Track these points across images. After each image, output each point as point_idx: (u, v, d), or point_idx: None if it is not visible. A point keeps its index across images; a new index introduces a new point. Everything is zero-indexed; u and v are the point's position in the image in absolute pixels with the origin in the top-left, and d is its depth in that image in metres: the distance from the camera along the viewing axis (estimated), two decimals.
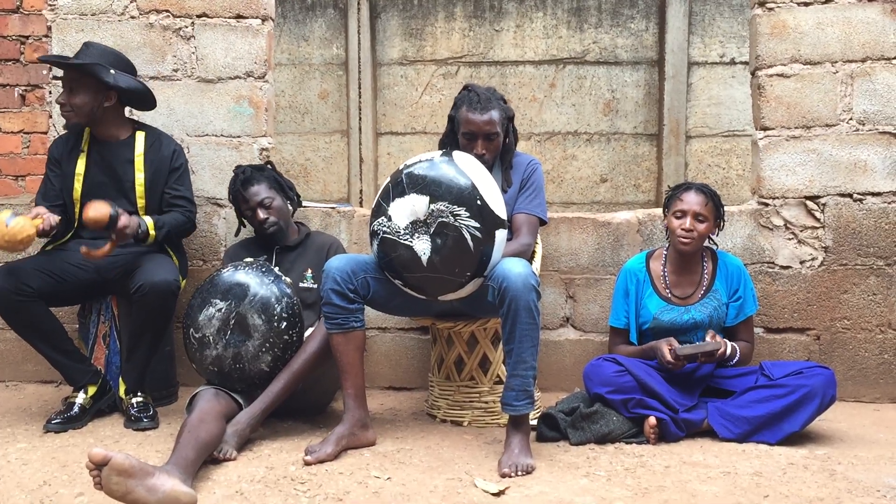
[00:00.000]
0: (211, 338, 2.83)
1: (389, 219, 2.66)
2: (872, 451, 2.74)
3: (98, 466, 2.05)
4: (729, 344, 2.91)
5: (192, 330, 2.87)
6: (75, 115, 3.09)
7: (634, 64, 6.03)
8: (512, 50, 6.08)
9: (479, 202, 2.60)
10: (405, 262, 2.64)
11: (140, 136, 3.20)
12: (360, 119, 6.13)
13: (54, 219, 2.93)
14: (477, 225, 2.59)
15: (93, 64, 3.03)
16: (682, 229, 2.96)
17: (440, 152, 2.76)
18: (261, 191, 3.19)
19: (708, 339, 2.89)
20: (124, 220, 2.89)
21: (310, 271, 3.18)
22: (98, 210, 2.84)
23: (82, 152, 3.16)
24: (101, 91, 3.08)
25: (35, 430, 2.94)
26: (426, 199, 2.61)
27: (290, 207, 3.29)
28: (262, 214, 3.17)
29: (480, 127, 2.94)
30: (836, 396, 2.81)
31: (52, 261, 3.03)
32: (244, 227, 3.32)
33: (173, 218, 3.15)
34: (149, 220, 3.05)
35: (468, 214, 2.58)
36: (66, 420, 2.96)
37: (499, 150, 3.03)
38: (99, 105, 3.09)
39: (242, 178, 3.22)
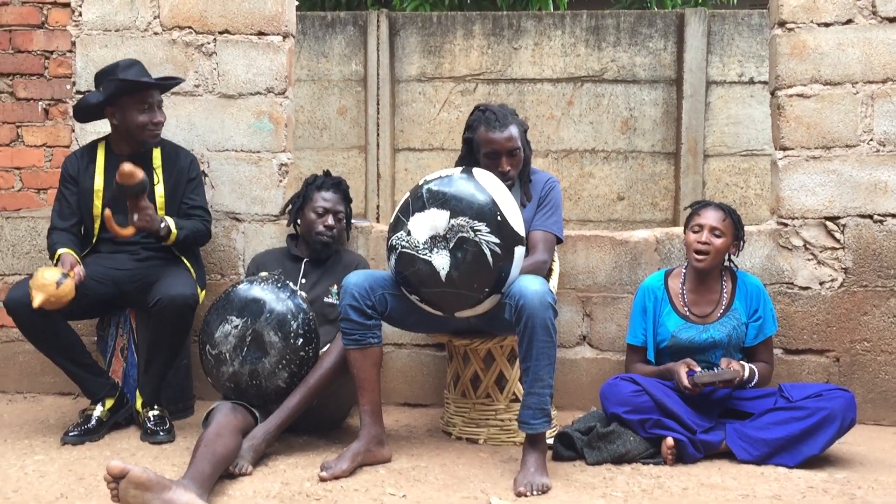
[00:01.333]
0: (227, 355, 2.84)
1: (409, 233, 2.66)
2: (893, 475, 2.71)
3: (116, 479, 2.06)
4: (747, 367, 2.88)
5: (208, 346, 2.88)
6: (158, 133, 3.17)
7: (652, 82, 6.03)
8: (530, 68, 6.10)
9: (499, 218, 2.60)
10: (423, 276, 2.64)
11: (157, 149, 3.23)
12: (377, 135, 6.16)
13: (83, 272, 2.94)
14: (497, 241, 2.59)
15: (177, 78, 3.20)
16: (699, 242, 2.96)
17: (460, 169, 2.76)
18: (339, 202, 3.25)
19: (723, 365, 2.86)
20: (148, 203, 2.93)
21: (335, 287, 3.18)
22: (135, 168, 2.86)
23: (99, 167, 3.19)
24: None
25: (52, 443, 2.96)
26: (446, 213, 2.61)
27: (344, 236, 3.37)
28: (331, 220, 3.20)
29: (503, 145, 2.95)
30: (855, 419, 2.78)
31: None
32: (294, 223, 3.32)
33: (192, 224, 3.18)
34: (171, 220, 3.07)
35: (488, 230, 2.58)
36: (84, 432, 2.97)
37: (521, 164, 3.03)
38: None
39: (332, 182, 3.27)
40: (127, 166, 2.85)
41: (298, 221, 3.28)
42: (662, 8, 7.52)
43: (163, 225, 3.01)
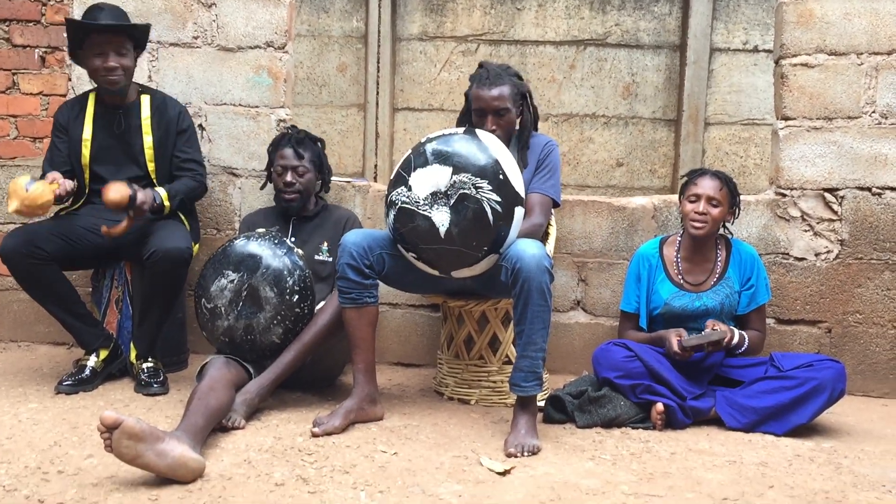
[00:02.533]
0: (223, 309, 2.84)
1: (410, 189, 2.65)
2: (879, 445, 2.74)
3: (109, 429, 2.07)
4: (737, 332, 2.90)
5: (203, 300, 2.88)
6: (124, 78, 3.10)
7: (656, 48, 5.97)
8: (533, 29, 6.03)
9: (501, 177, 2.59)
10: (422, 233, 2.63)
11: (145, 100, 3.20)
12: (377, 94, 6.10)
13: (69, 184, 2.94)
14: (498, 199, 2.58)
15: (146, 25, 3.13)
16: (696, 213, 2.96)
17: (462, 129, 2.75)
18: (303, 156, 3.20)
19: (708, 327, 2.87)
20: (141, 196, 2.90)
21: (325, 244, 3.18)
22: (118, 192, 2.84)
23: (88, 117, 3.16)
24: (135, 51, 3.13)
25: (46, 391, 2.97)
26: (449, 170, 2.60)
27: (318, 187, 3.30)
28: (289, 177, 3.17)
29: (489, 103, 2.92)
30: (845, 390, 2.80)
31: (65, 225, 3.04)
32: (269, 182, 3.31)
33: (184, 185, 3.16)
34: (162, 192, 3.05)
35: (490, 188, 2.57)
36: (78, 382, 2.99)
37: (511, 127, 3.00)
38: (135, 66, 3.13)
39: (290, 137, 3.22)
40: (110, 197, 2.82)
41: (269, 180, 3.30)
42: None
43: (156, 203, 2.99)
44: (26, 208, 2.78)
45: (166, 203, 3.05)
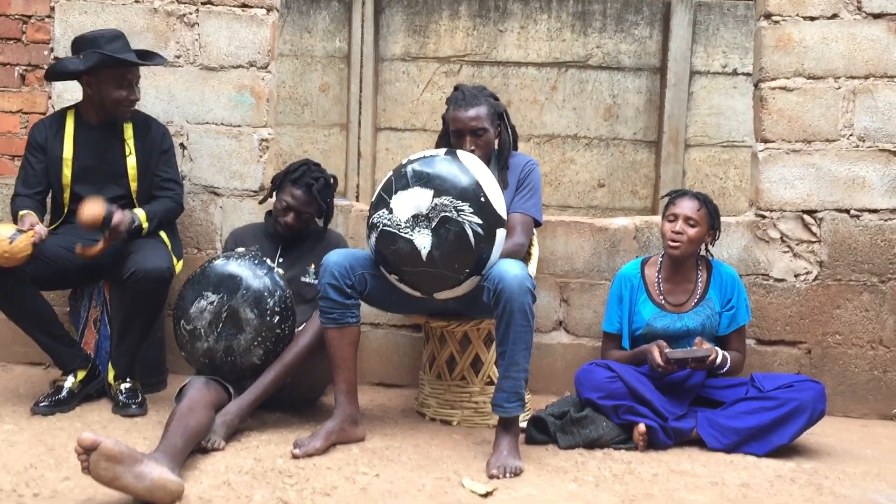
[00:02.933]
0: (202, 330, 2.81)
1: (391, 211, 2.65)
2: (860, 466, 2.75)
3: (87, 451, 2.04)
4: (720, 352, 2.91)
5: (183, 321, 2.85)
6: (131, 108, 3.12)
7: (637, 70, 6.03)
8: (515, 51, 6.08)
9: (482, 199, 2.59)
10: (404, 255, 2.63)
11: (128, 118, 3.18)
12: (360, 113, 6.12)
13: (44, 231, 2.90)
14: (479, 221, 2.58)
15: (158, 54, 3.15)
16: (673, 232, 2.97)
17: (444, 150, 2.75)
18: (311, 203, 3.13)
19: (696, 344, 2.89)
20: (118, 216, 2.87)
21: (313, 266, 3.15)
22: (93, 210, 2.82)
23: (68, 136, 3.14)
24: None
25: (22, 412, 2.93)
26: (430, 192, 2.60)
27: (316, 223, 3.26)
28: (291, 219, 3.12)
29: (466, 123, 2.94)
30: (825, 411, 2.81)
31: (44, 245, 3.00)
32: (270, 196, 3.26)
33: (163, 206, 3.14)
34: (141, 213, 3.03)
35: (471, 210, 2.58)
36: (54, 403, 2.95)
37: (490, 147, 3.01)
38: None
39: (305, 181, 3.12)
40: (85, 216, 2.82)
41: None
42: None
43: (134, 224, 2.97)
44: (5, 260, 2.76)
45: (144, 225, 3.02)
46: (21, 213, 2.97)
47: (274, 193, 3.21)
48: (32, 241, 2.81)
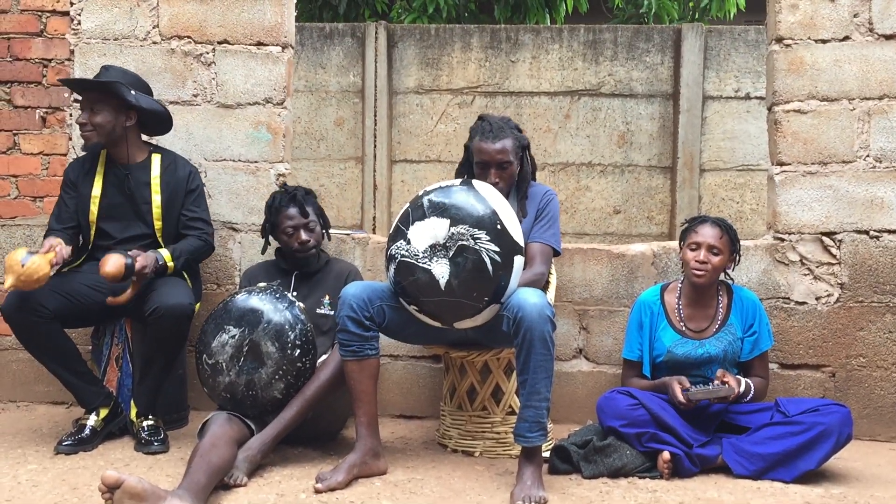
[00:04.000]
0: (224, 364, 2.83)
1: (409, 242, 2.66)
2: (889, 490, 2.71)
3: (110, 489, 2.05)
4: (743, 381, 2.88)
5: (205, 356, 2.87)
6: (96, 135, 3.11)
7: (649, 97, 6.06)
8: (527, 81, 6.12)
9: (498, 227, 2.60)
10: (423, 285, 2.64)
11: (156, 159, 3.23)
12: (374, 146, 6.17)
13: (66, 251, 2.95)
14: (496, 249, 2.59)
15: (114, 82, 3.07)
16: (697, 261, 2.96)
17: (459, 180, 2.77)
18: (310, 213, 3.19)
19: (717, 376, 2.87)
20: (140, 262, 2.90)
21: (327, 297, 3.17)
22: (114, 265, 2.84)
23: (98, 174, 3.19)
24: (122, 110, 3.12)
25: (46, 452, 2.94)
26: (446, 222, 2.61)
27: (323, 244, 3.30)
28: (304, 236, 3.15)
29: (493, 156, 2.96)
30: (852, 435, 2.78)
31: (67, 282, 3.04)
32: (269, 245, 3.31)
33: (190, 244, 3.16)
34: (165, 253, 3.05)
35: (488, 238, 2.59)
36: (77, 442, 2.96)
37: (513, 179, 3.04)
38: (120, 125, 3.13)
39: (291, 196, 3.20)
40: (107, 270, 2.83)
41: (274, 242, 3.28)
42: (660, 23, 7.58)
43: (158, 264, 3.00)
44: (22, 283, 2.77)
45: (170, 264, 3.05)
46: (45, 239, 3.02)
47: (270, 238, 3.26)
48: (51, 260, 2.84)
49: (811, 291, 3.39)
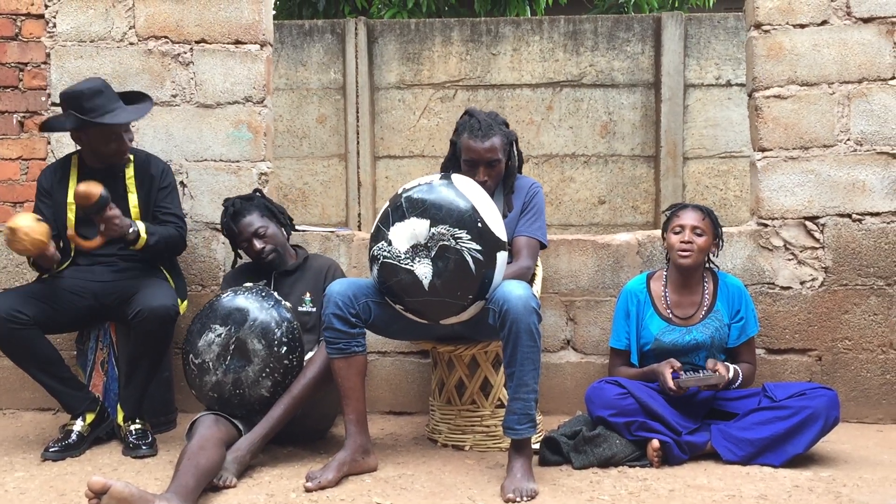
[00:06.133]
0: (211, 363, 2.81)
1: (389, 243, 2.65)
2: (877, 472, 2.72)
3: (97, 495, 2.04)
4: (731, 368, 2.90)
5: (191, 356, 2.85)
6: (124, 156, 3.15)
7: (631, 86, 6.07)
8: (509, 73, 6.12)
9: (479, 224, 2.60)
10: (406, 286, 2.63)
11: (129, 159, 3.20)
12: (357, 143, 6.15)
13: (55, 254, 2.95)
14: (478, 247, 2.58)
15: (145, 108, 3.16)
16: (682, 242, 2.97)
17: (439, 175, 2.76)
18: (253, 221, 3.14)
19: (708, 366, 2.88)
20: (115, 211, 2.90)
21: (308, 295, 3.16)
22: (90, 186, 2.85)
23: (72, 180, 3.16)
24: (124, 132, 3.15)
25: (33, 459, 2.91)
26: (426, 222, 2.61)
27: (285, 233, 3.27)
28: (258, 245, 3.12)
29: (482, 154, 2.94)
30: (839, 418, 2.79)
31: (48, 288, 3.02)
32: (240, 258, 3.29)
33: (165, 230, 3.13)
34: (141, 225, 3.03)
35: (469, 237, 2.58)
36: (64, 448, 2.93)
37: (501, 174, 3.03)
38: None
39: (232, 211, 3.17)
40: (81, 187, 2.85)
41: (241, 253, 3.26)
42: (639, 12, 7.58)
43: (132, 230, 2.98)
44: (25, 236, 2.79)
45: (143, 235, 3.01)
46: None
47: (238, 252, 3.25)
48: (49, 248, 2.88)
49: (796, 276, 3.40)
